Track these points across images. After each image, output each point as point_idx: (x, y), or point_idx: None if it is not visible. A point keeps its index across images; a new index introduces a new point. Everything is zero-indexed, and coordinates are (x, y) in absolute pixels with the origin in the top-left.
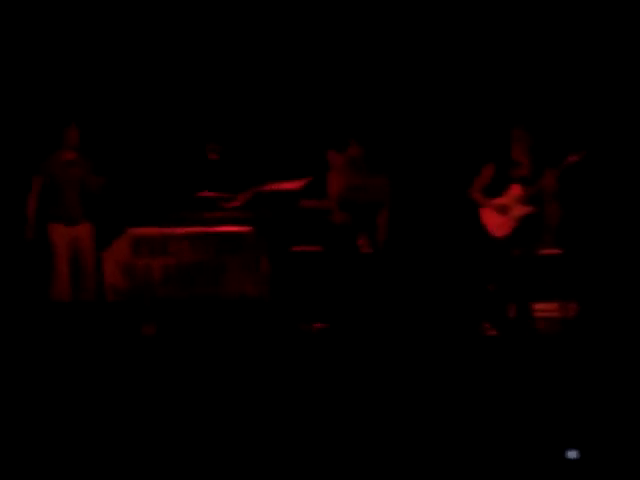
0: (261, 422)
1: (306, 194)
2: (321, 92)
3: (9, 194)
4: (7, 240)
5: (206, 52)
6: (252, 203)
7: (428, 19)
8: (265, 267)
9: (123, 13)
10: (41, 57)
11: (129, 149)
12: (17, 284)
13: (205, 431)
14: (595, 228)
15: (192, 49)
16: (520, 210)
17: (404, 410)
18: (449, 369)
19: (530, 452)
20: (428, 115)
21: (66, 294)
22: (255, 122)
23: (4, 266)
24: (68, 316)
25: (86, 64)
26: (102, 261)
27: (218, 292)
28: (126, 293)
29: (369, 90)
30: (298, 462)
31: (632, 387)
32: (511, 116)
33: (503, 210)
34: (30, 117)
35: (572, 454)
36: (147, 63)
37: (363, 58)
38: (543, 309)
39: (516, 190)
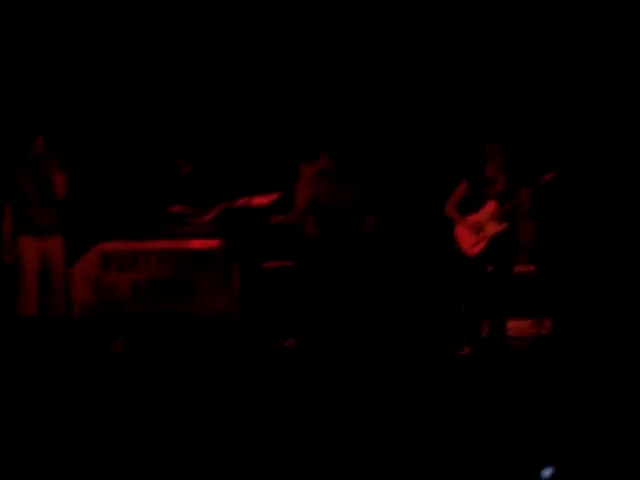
0: (230, 441)
1: (276, 209)
2: (292, 104)
3: None
4: None
5: (175, 67)
6: (222, 218)
7: (404, 36)
8: (236, 284)
9: (94, 22)
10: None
11: (99, 162)
12: None
13: (172, 451)
14: (569, 245)
15: (158, 63)
16: (494, 227)
17: (378, 430)
18: (422, 388)
19: (505, 471)
20: (403, 130)
21: (33, 309)
22: (225, 136)
23: None
24: (35, 331)
25: (56, 74)
26: (70, 276)
27: (188, 308)
28: (94, 309)
29: (343, 102)
30: None
31: (605, 405)
32: (486, 132)
33: (477, 227)
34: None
35: (547, 472)
36: (119, 74)
37: (335, 70)
38: (517, 327)
39: (491, 207)
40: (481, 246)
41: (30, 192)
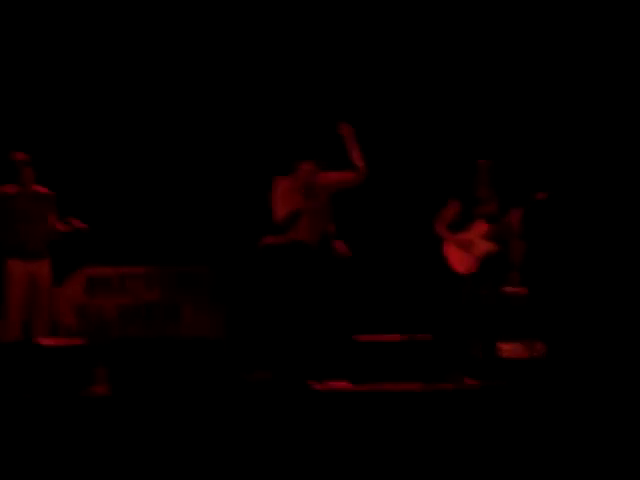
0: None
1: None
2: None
3: None
4: None
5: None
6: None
7: (391, 52)
8: (222, 307)
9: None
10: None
11: (85, 184)
12: None
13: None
14: (560, 266)
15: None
16: (484, 247)
17: (361, 457)
18: (413, 409)
19: None
20: (396, 147)
21: (17, 335)
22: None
23: None
24: (18, 357)
25: (39, 97)
26: (54, 299)
27: (176, 332)
28: (80, 333)
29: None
30: None
31: (598, 428)
32: (478, 152)
33: (467, 246)
34: None
35: None
36: (104, 99)
37: (322, 84)
38: (509, 349)
39: (481, 227)
40: (470, 264)
41: (24, 217)
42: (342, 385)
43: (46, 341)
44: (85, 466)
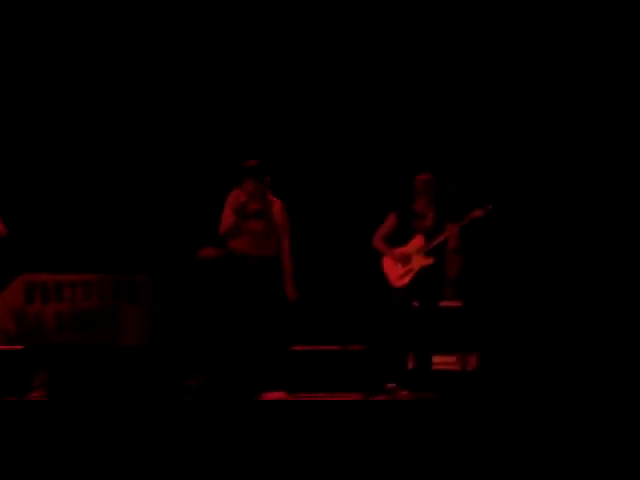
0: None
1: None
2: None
3: None
4: None
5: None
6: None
7: (333, 66)
8: (161, 315)
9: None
10: None
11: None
12: None
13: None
14: (495, 281)
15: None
16: (421, 261)
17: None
18: (347, 420)
19: None
20: (335, 160)
21: None
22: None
23: None
24: None
25: None
26: None
27: (113, 340)
28: (18, 339)
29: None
30: None
31: (531, 441)
32: (417, 167)
33: (404, 260)
34: None
35: None
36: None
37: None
38: (443, 362)
39: (418, 241)
40: (408, 279)
41: None
42: (278, 395)
43: None
44: (21, 470)
